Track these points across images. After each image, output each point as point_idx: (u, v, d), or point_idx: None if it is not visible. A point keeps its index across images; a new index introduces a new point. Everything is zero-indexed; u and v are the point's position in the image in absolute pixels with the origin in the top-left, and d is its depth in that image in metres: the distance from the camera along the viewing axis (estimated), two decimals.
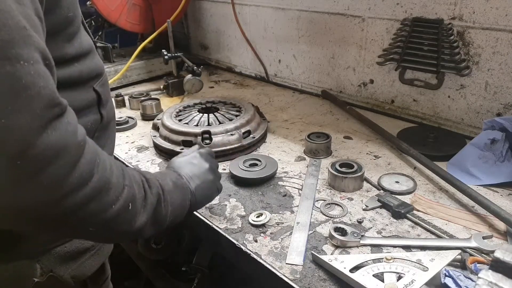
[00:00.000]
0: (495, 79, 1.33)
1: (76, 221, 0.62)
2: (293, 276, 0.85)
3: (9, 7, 0.51)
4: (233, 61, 2.36)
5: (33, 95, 0.52)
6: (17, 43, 0.51)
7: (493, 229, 0.96)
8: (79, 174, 0.58)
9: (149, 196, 0.74)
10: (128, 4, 2.05)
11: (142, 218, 0.72)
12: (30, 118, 0.52)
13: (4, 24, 0.50)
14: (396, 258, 0.83)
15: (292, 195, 1.13)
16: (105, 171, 0.64)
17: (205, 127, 1.36)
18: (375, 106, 1.72)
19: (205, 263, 1.46)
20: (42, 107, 0.54)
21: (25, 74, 0.52)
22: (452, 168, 1.19)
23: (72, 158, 0.57)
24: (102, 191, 0.63)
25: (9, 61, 0.50)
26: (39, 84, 0.53)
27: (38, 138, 0.53)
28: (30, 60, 0.53)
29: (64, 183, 0.56)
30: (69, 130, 0.57)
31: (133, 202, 0.70)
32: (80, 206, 0.59)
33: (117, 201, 0.66)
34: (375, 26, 1.60)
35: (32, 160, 0.52)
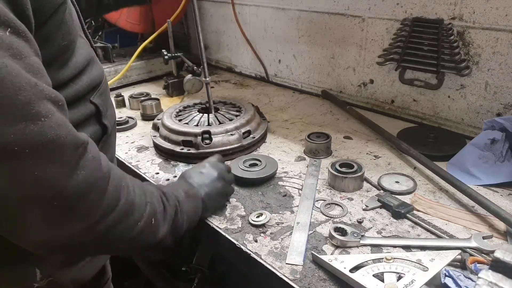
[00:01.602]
0: (495, 79, 1.33)
1: (108, 242, 0.69)
2: (293, 276, 0.85)
3: (17, 69, 0.54)
4: (233, 61, 2.36)
5: (58, 146, 0.58)
6: (35, 101, 0.55)
7: (493, 229, 0.96)
8: (108, 203, 0.65)
9: (168, 208, 0.82)
10: None
11: (163, 230, 0.80)
12: (60, 165, 0.58)
13: (19, 87, 0.54)
14: (396, 258, 0.83)
15: (292, 195, 1.13)
16: (129, 194, 0.71)
17: (205, 127, 1.36)
18: (375, 106, 1.72)
19: (205, 263, 1.46)
20: (69, 154, 0.59)
21: (48, 128, 0.56)
22: (452, 168, 1.19)
23: (100, 191, 0.64)
24: (128, 212, 0.70)
25: (32, 121, 0.55)
26: (62, 134, 0.58)
27: (69, 180, 0.59)
28: (48, 114, 0.57)
29: (95, 213, 0.63)
30: (94, 166, 0.63)
31: (155, 217, 0.77)
32: (110, 229, 0.66)
33: (141, 218, 0.73)
34: (375, 26, 1.60)
35: (66, 200, 0.59)
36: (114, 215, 0.66)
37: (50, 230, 0.60)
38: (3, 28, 0.54)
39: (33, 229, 0.60)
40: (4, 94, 0.52)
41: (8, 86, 0.53)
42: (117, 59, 2.13)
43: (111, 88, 2.01)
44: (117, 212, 0.67)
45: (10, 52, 0.54)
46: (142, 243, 0.76)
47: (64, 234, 0.62)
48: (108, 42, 2.14)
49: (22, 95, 0.54)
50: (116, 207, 0.67)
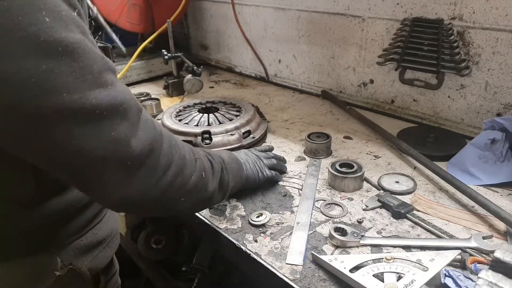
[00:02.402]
0: (495, 79, 1.33)
1: (171, 194, 0.77)
2: (293, 276, 0.85)
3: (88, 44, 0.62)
4: (233, 61, 2.36)
5: (126, 108, 0.66)
6: (104, 71, 0.63)
7: (493, 229, 0.96)
8: (166, 158, 0.73)
9: (214, 165, 0.90)
10: (128, 4, 2.05)
11: (213, 184, 0.88)
12: (129, 125, 0.66)
13: (94, 58, 0.62)
14: (396, 258, 0.83)
15: (292, 195, 1.13)
16: (181, 150, 0.79)
17: (205, 127, 1.36)
18: (375, 106, 1.72)
19: (205, 263, 1.46)
20: (134, 115, 0.68)
21: (117, 93, 0.64)
22: (452, 168, 1.19)
23: (159, 147, 0.72)
24: (182, 166, 0.78)
25: (105, 87, 0.63)
26: (127, 97, 0.67)
27: (135, 140, 0.67)
28: (113, 81, 0.65)
29: (158, 168, 0.72)
30: (150, 126, 0.71)
31: (205, 172, 0.85)
32: (171, 182, 0.75)
33: (193, 172, 0.81)
34: (375, 26, 1.60)
35: (137, 158, 0.67)
36: (172, 170, 0.74)
37: (125, 188, 0.68)
38: (72, 9, 0.61)
39: (112, 187, 0.67)
40: (85, 64, 0.60)
41: (88, 57, 0.61)
42: (117, 59, 2.13)
43: None
44: (173, 166, 0.75)
45: (80, 29, 0.61)
46: (196, 196, 0.84)
47: (138, 191, 0.69)
48: (108, 42, 2.14)
49: (96, 65, 0.62)
50: (172, 162, 0.75)
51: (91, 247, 0.91)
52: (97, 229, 0.92)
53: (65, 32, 0.58)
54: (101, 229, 0.93)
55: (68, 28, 0.58)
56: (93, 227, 0.91)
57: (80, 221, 0.88)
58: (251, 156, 1.12)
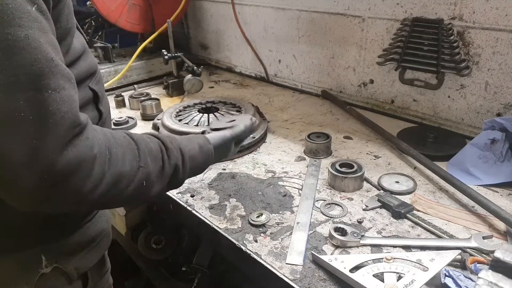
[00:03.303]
0: (495, 79, 1.33)
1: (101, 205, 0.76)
2: (293, 276, 0.85)
3: (38, 41, 0.59)
4: (233, 61, 2.36)
5: (58, 120, 0.61)
6: (47, 75, 0.59)
7: (493, 229, 0.96)
8: (94, 179, 0.67)
9: (166, 166, 0.83)
10: (128, 4, 2.05)
11: (157, 188, 0.81)
12: (55, 139, 0.61)
13: (35, 59, 0.58)
14: (396, 258, 0.83)
15: (292, 195, 1.13)
16: (117, 165, 0.72)
17: (205, 127, 1.35)
18: (375, 106, 1.72)
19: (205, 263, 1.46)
20: (65, 129, 0.62)
21: (52, 101, 0.60)
22: (452, 168, 1.19)
23: (88, 169, 0.66)
24: (116, 182, 0.72)
25: (39, 92, 0.59)
26: (63, 110, 0.62)
27: (60, 155, 0.61)
28: (56, 88, 0.61)
29: (82, 188, 0.66)
30: (87, 145, 0.66)
31: (147, 179, 0.79)
32: (98, 199, 0.69)
33: (131, 183, 0.75)
34: (375, 26, 1.60)
35: (56, 174, 0.62)
36: (101, 189, 0.69)
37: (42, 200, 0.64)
38: (31, 4, 0.59)
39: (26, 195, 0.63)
40: (20, 63, 0.57)
41: (25, 56, 0.57)
42: (117, 59, 2.13)
43: (111, 88, 2.01)
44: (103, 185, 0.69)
45: (36, 25, 0.59)
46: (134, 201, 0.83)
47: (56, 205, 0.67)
48: (108, 42, 2.14)
49: (36, 66, 0.58)
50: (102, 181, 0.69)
51: (79, 247, 0.90)
52: (86, 229, 0.91)
53: (4, 28, 0.56)
54: (90, 228, 0.92)
55: (11, 22, 0.56)
56: (81, 226, 0.90)
57: (68, 220, 0.87)
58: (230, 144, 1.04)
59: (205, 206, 1.10)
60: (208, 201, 1.12)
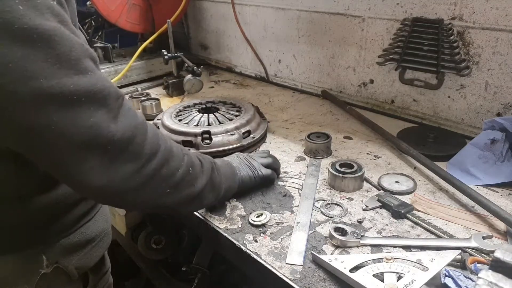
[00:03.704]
0: (495, 79, 1.33)
1: (154, 186, 0.76)
2: (293, 276, 0.85)
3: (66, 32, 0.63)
4: (233, 61, 2.36)
5: (105, 94, 0.67)
6: (84, 58, 0.65)
7: (493, 229, 0.96)
8: (150, 146, 0.73)
9: (204, 163, 0.89)
10: (128, 4, 2.05)
11: (202, 181, 0.86)
12: (108, 111, 0.66)
13: (72, 45, 0.63)
14: (396, 258, 0.83)
15: (292, 195, 1.13)
16: (167, 142, 0.79)
17: (205, 127, 1.36)
18: (375, 106, 1.72)
19: (205, 263, 1.46)
20: (113, 101, 0.68)
21: (96, 79, 0.66)
22: (452, 168, 1.19)
23: (142, 135, 0.72)
24: (169, 158, 0.77)
25: (83, 74, 0.64)
26: (107, 84, 0.68)
27: (116, 126, 0.67)
28: (93, 68, 0.66)
29: (141, 155, 0.71)
30: (132, 113, 0.72)
31: (193, 167, 0.84)
32: (155, 172, 0.74)
33: (180, 166, 0.80)
34: (375, 26, 1.60)
35: (117, 144, 0.67)
36: (157, 159, 0.74)
37: (107, 174, 0.67)
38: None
39: (92, 174, 0.67)
40: (62, 51, 0.61)
41: (65, 44, 0.62)
42: (117, 59, 2.13)
43: None
44: (159, 156, 0.74)
45: (59, 18, 0.63)
46: (182, 192, 0.82)
47: (119, 177, 0.69)
48: (108, 42, 2.13)
49: (74, 52, 0.63)
50: (158, 151, 0.74)
51: (79, 246, 0.90)
52: (86, 228, 0.92)
53: (40, 20, 0.59)
54: (90, 228, 0.93)
55: (44, 16, 0.60)
56: (81, 225, 0.91)
57: (68, 219, 0.87)
58: (244, 159, 1.10)
59: None
60: None
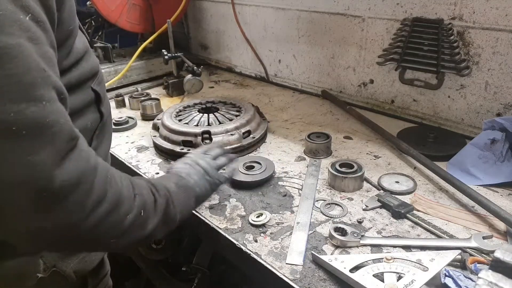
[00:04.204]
0: (495, 79, 1.33)
1: (99, 235, 0.67)
2: (293, 276, 0.85)
3: (29, 51, 0.56)
4: (233, 61, 2.36)
5: (56, 131, 0.58)
6: (40, 84, 0.56)
7: (493, 229, 0.96)
8: (96, 195, 0.63)
9: (158, 199, 0.79)
10: (128, 4, 2.05)
11: (153, 221, 0.77)
12: (52, 153, 0.57)
13: (28, 68, 0.55)
14: (396, 258, 0.83)
15: (292, 195, 1.13)
16: (117, 185, 0.69)
17: (205, 127, 1.36)
18: (375, 106, 1.72)
19: (205, 263, 1.46)
20: (63, 142, 0.59)
21: (49, 113, 0.57)
22: (452, 168, 1.19)
23: (89, 183, 0.62)
24: (117, 204, 0.68)
25: (34, 102, 0.55)
26: (61, 121, 0.59)
27: (59, 170, 0.57)
28: (50, 99, 0.58)
29: (85, 205, 0.61)
30: (83, 157, 0.62)
31: (144, 209, 0.74)
32: (100, 221, 0.64)
33: (131, 210, 0.71)
34: (375, 26, 1.60)
35: (56, 191, 0.57)
36: (103, 208, 0.64)
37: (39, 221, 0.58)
38: (24, 13, 0.56)
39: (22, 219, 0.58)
40: (13, 72, 0.54)
41: (18, 65, 0.54)
42: (117, 59, 2.13)
43: (111, 88, 2.01)
44: (105, 204, 0.65)
45: (27, 34, 0.56)
46: (132, 236, 0.73)
47: (54, 227, 0.60)
48: (108, 42, 2.13)
49: (30, 75, 0.55)
50: (105, 199, 0.65)
51: None
52: None
53: None
54: None
55: (2, 30, 0.54)
56: None
57: None
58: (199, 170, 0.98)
59: (205, 206, 1.10)
60: (208, 201, 1.12)
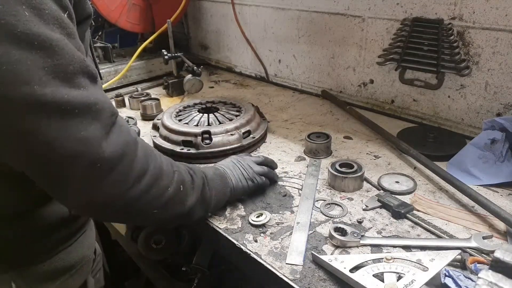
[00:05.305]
0: (495, 79, 1.33)
1: (143, 205, 0.74)
2: (293, 276, 0.85)
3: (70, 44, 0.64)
4: (233, 61, 2.36)
5: (100, 108, 0.66)
6: (80, 73, 0.64)
7: (493, 229, 0.96)
8: (140, 166, 0.71)
9: (195, 179, 0.87)
10: (128, 4, 2.05)
11: (192, 198, 0.84)
12: (100, 126, 0.65)
13: (72, 59, 0.63)
14: (396, 258, 0.83)
15: (292, 195, 1.13)
16: (157, 160, 0.76)
17: (205, 127, 1.36)
18: (375, 106, 1.72)
19: (205, 263, 1.46)
20: (106, 116, 0.67)
21: (90, 94, 0.65)
22: (452, 168, 1.19)
23: (132, 154, 0.70)
24: (158, 177, 0.75)
25: (77, 88, 0.63)
26: (102, 99, 0.67)
27: (106, 142, 0.65)
28: (88, 85, 0.65)
29: (130, 175, 0.69)
30: (125, 131, 0.70)
31: (183, 185, 0.81)
32: (144, 192, 0.72)
33: (171, 184, 0.78)
34: (375, 26, 1.60)
35: (107, 161, 0.65)
36: (146, 180, 0.71)
37: (93, 190, 0.66)
38: (63, 11, 0.64)
39: (78, 188, 0.65)
40: (61, 63, 0.61)
41: (65, 56, 0.62)
42: (117, 59, 2.13)
43: (111, 88, 2.01)
44: (148, 176, 0.72)
45: (66, 31, 0.63)
46: (172, 210, 0.80)
47: (105, 195, 0.67)
48: (108, 42, 2.14)
49: (72, 66, 0.63)
50: (147, 171, 0.72)
51: (56, 274, 0.86)
52: (65, 255, 0.87)
53: (44, 28, 0.59)
54: (70, 254, 0.88)
55: (49, 26, 0.60)
56: (59, 252, 0.86)
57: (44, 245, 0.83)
58: (239, 165, 1.07)
59: None
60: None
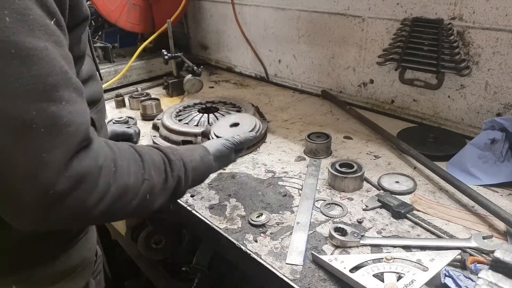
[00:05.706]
0: (495, 79, 1.33)
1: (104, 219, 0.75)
2: (293, 276, 0.85)
3: (54, 54, 0.59)
4: (233, 61, 2.36)
5: (71, 131, 0.61)
6: (61, 86, 0.60)
7: (493, 229, 0.96)
8: (98, 192, 0.65)
9: (169, 179, 0.82)
10: (128, 4, 2.05)
11: (160, 201, 0.80)
12: (64, 152, 0.60)
13: (52, 71, 0.58)
14: (396, 258, 0.83)
15: (292, 195, 1.13)
16: (123, 177, 0.70)
17: (205, 127, 1.36)
18: (375, 106, 1.72)
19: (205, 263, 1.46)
20: (76, 142, 0.62)
21: (66, 113, 0.60)
22: (452, 168, 1.19)
23: (92, 182, 0.64)
24: (121, 195, 0.70)
25: (54, 103, 0.58)
26: (77, 122, 0.62)
27: (66, 169, 0.60)
28: (70, 100, 0.61)
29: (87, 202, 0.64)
30: (92, 157, 0.65)
31: (151, 193, 0.77)
32: (104, 212, 0.67)
33: (136, 196, 0.74)
34: (375, 26, 1.60)
35: (60, 189, 0.60)
36: (105, 202, 0.67)
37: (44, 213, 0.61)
38: (50, 17, 0.60)
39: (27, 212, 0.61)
40: (38, 73, 0.57)
41: (44, 66, 0.57)
42: (117, 59, 2.13)
43: (111, 88, 2.01)
44: (108, 198, 0.68)
45: (53, 38, 0.59)
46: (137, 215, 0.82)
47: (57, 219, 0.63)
48: (108, 42, 2.14)
49: (52, 77, 0.58)
50: (107, 194, 0.67)
51: (57, 277, 0.85)
52: (66, 257, 0.86)
53: (25, 37, 0.56)
54: (71, 257, 0.87)
55: (31, 33, 0.56)
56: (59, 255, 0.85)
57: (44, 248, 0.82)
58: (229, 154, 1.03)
59: (205, 206, 1.10)
60: (208, 201, 1.13)
